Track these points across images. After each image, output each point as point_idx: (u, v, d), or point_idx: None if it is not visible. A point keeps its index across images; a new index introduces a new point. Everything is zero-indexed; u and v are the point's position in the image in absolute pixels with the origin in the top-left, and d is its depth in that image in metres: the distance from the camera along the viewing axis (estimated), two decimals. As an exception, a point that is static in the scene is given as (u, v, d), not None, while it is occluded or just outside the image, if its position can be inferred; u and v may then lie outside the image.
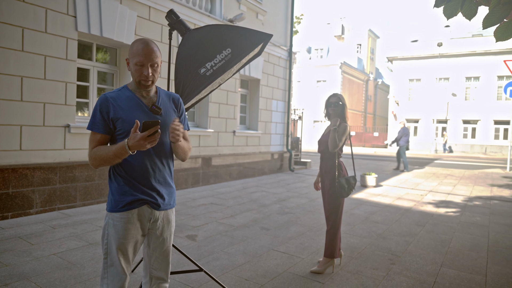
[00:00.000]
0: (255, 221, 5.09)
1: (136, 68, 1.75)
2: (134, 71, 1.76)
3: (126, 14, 6.01)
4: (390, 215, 5.76)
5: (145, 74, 1.75)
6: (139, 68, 1.75)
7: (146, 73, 1.74)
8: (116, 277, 1.79)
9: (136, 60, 1.74)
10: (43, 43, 4.95)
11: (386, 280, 3.22)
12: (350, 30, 40.03)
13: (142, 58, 1.73)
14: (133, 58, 1.76)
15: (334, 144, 3.22)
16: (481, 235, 4.78)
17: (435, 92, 27.82)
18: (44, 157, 5.06)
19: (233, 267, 3.40)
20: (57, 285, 2.87)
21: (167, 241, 1.94)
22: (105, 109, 1.76)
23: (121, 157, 1.71)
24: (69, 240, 3.97)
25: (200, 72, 2.43)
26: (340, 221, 3.38)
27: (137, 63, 1.74)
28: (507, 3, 2.23)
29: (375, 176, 8.77)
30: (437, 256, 3.90)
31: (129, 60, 1.79)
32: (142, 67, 1.74)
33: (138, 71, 1.75)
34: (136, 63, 1.74)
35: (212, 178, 8.24)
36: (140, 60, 1.73)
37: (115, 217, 1.79)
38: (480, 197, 7.82)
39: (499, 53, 24.81)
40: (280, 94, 10.91)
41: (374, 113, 42.10)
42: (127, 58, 1.80)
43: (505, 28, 2.35)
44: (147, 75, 1.75)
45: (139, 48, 1.74)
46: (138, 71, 1.75)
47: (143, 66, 1.74)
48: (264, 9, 9.66)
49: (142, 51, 1.73)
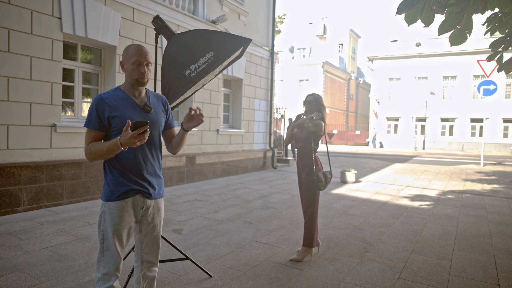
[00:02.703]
0: (238, 216, 5.30)
1: (133, 68, 1.95)
2: (131, 70, 1.96)
3: (111, 16, 6.12)
4: (367, 209, 6.07)
5: (141, 72, 1.95)
6: (136, 67, 1.95)
7: (143, 71, 1.95)
8: (111, 260, 1.97)
9: (133, 60, 1.94)
10: (29, 44, 5.03)
11: (360, 266, 3.49)
12: (332, 30, 40.65)
13: (139, 57, 1.94)
14: (129, 59, 1.96)
15: (301, 125, 3.45)
16: (451, 225, 5.12)
17: (414, 91, 28.63)
18: (31, 156, 5.15)
19: (217, 257, 3.61)
20: (50, 276, 3.02)
21: (158, 227, 2.14)
22: (101, 109, 1.94)
23: (114, 153, 1.90)
24: (58, 235, 4.09)
25: (184, 74, 2.63)
26: (317, 212, 3.63)
27: (134, 62, 1.94)
28: (459, 12, 2.52)
29: (355, 172, 9.12)
30: (408, 244, 4.20)
31: (124, 62, 1.99)
32: (139, 66, 1.95)
33: (135, 69, 1.95)
34: (133, 62, 1.94)
35: (197, 176, 8.40)
36: (137, 59, 1.94)
37: (111, 205, 1.97)
38: (453, 191, 8.25)
39: (474, 53, 25.73)
40: (263, 93, 11.15)
41: (356, 112, 42.89)
42: (122, 61, 2.00)
43: (458, 34, 2.64)
44: (144, 72, 1.95)
45: (135, 50, 1.96)
46: (135, 70, 1.95)
47: (140, 64, 1.95)
48: (246, 10, 9.87)
49: (138, 52, 1.95)
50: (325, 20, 40.40)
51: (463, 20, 2.56)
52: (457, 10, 2.52)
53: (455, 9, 2.53)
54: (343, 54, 41.09)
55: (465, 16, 2.68)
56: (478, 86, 13.92)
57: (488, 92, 13.68)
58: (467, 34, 2.85)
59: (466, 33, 2.84)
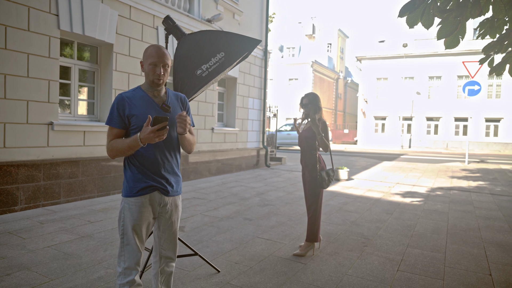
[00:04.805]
0: (238, 213, 5.38)
1: (150, 68, 2.00)
2: (148, 71, 2.02)
3: (108, 13, 6.10)
4: (362, 205, 6.23)
5: (157, 73, 2.00)
6: (153, 68, 2.00)
7: (159, 72, 2.00)
8: (132, 254, 2.03)
9: (150, 61, 2.00)
10: (26, 41, 4.98)
11: (360, 260, 3.62)
12: (320, 30, 40.97)
13: (156, 59, 1.99)
14: (147, 60, 2.01)
15: (325, 146, 3.58)
16: (442, 220, 5.32)
17: (401, 90, 29.15)
18: (28, 154, 5.11)
19: (222, 253, 3.69)
20: (58, 274, 3.04)
21: (175, 223, 2.20)
22: (122, 107, 1.99)
23: (134, 149, 1.96)
24: (60, 234, 4.09)
25: (196, 74, 2.69)
26: (320, 209, 3.75)
27: (151, 63, 2.00)
28: (456, 17, 2.65)
29: (347, 170, 9.29)
30: (404, 239, 4.36)
31: (143, 63, 2.04)
32: (155, 67, 2.00)
33: (152, 70, 2.00)
34: (150, 63, 2.00)
35: (192, 174, 8.44)
36: (154, 61, 1.99)
37: (130, 201, 2.03)
38: (441, 188, 8.50)
39: (458, 54, 26.33)
40: (256, 92, 11.23)
41: (344, 111, 43.38)
42: (141, 61, 2.06)
43: (453, 38, 2.78)
44: (159, 74, 2.00)
45: (153, 51, 2.01)
46: (151, 71, 2.00)
47: (156, 66, 2.00)
48: (241, 9, 9.93)
49: (155, 53, 2.00)
50: (314, 20, 40.69)
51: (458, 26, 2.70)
52: (455, 15, 2.66)
53: (453, 14, 2.66)
54: (331, 54, 41.48)
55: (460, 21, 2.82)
56: (463, 86, 14.30)
57: (473, 92, 14.07)
58: (460, 39, 3.02)
59: (460, 37, 3.00)
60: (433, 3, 2.67)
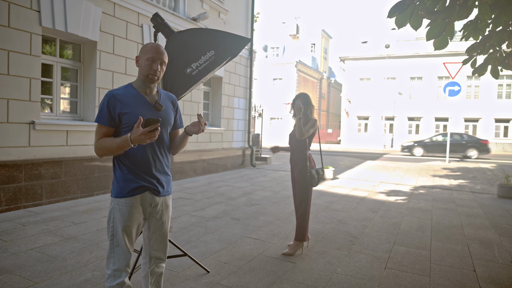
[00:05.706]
0: (225, 213, 5.35)
1: (146, 63, 1.97)
2: (144, 65, 1.98)
3: (91, 10, 5.97)
4: (348, 204, 6.30)
5: (154, 69, 1.97)
6: (150, 63, 1.97)
7: (155, 68, 1.97)
8: (122, 255, 1.99)
9: (148, 56, 1.97)
10: (6, 37, 4.82)
11: (348, 258, 3.66)
12: (304, 30, 41.22)
13: (154, 54, 1.97)
14: (145, 55, 1.98)
15: (300, 132, 3.53)
16: (426, 218, 5.43)
17: (383, 90, 29.65)
18: (9, 154, 4.94)
19: (211, 253, 3.66)
20: (43, 277, 2.95)
21: (166, 224, 2.17)
22: (112, 105, 1.94)
23: (123, 149, 1.91)
24: (43, 236, 3.98)
25: (186, 72, 2.66)
26: (309, 208, 3.76)
27: (149, 58, 1.96)
28: (445, 19, 2.71)
29: (333, 169, 9.38)
30: (390, 236, 4.43)
31: (139, 58, 2.01)
32: (153, 63, 1.97)
33: (148, 65, 1.97)
34: (147, 58, 1.97)
35: (178, 174, 8.35)
36: (152, 56, 1.96)
37: (121, 202, 1.98)
38: (424, 186, 8.69)
39: (439, 56, 26.95)
40: (242, 91, 11.21)
41: (328, 111, 43.81)
42: (137, 56, 2.02)
43: (442, 39, 2.84)
44: (156, 70, 1.97)
45: (152, 47, 1.99)
46: (148, 66, 1.97)
47: (154, 61, 1.97)
48: (226, 8, 9.88)
49: (154, 49, 1.98)
50: (298, 20, 40.89)
51: (447, 27, 2.75)
52: (443, 16, 2.71)
53: (442, 16, 2.72)
54: (315, 54, 41.82)
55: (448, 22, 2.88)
56: (444, 87, 14.64)
57: (453, 93, 14.43)
58: (449, 40, 3.08)
59: (448, 38, 3.07)
60: (421, 4, 2.72)
